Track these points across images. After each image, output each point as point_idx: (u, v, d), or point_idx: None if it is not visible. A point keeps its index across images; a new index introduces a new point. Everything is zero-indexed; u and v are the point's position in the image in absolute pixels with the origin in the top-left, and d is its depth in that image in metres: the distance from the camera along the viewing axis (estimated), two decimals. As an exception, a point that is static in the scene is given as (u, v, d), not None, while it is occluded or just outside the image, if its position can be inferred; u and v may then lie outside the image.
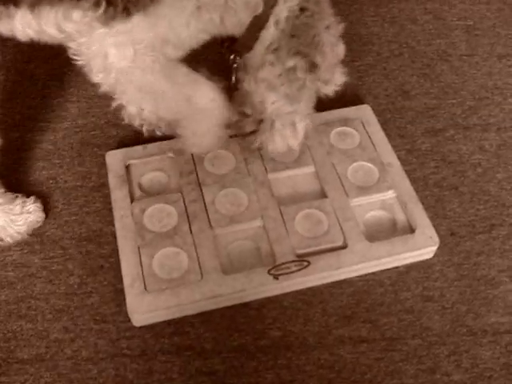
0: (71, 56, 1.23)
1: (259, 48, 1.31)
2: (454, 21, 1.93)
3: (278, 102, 1.36)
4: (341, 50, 1.33)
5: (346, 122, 1.56)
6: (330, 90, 1.37)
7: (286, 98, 1.35)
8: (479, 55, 1.84)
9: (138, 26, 1.14)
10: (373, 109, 1.62)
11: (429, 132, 1.63)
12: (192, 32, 1.20)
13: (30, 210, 1.41)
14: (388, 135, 1.57)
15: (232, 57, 1.36)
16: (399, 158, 1.51)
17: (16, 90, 1.69)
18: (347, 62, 1.75)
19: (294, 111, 1.38)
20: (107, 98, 1.60)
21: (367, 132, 1.55)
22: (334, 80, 1.36)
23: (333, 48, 1.30)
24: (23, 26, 1.13)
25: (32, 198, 1.43)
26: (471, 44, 1.87)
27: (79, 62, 1.22)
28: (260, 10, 1.24)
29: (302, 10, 1.25)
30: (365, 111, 1.60)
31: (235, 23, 1.26)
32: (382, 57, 1.81)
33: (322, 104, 1.48)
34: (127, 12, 1.10)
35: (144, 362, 1.24)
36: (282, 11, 1.25)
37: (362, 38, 1.85)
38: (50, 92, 1.69)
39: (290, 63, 1.28)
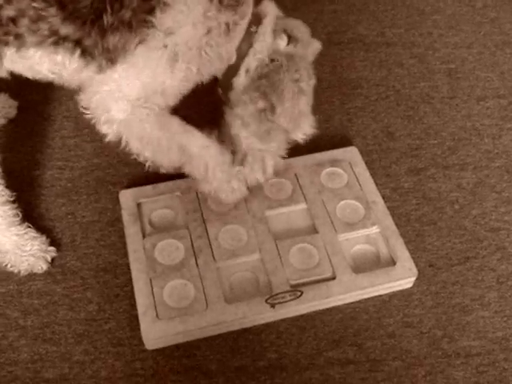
0: (82, 110, 1.39)
1: (236, 90, 1.46)
2: (437, 64, 2.08)
3: (248, 138, 1.50)
4: (302, 102, 1.44)
5: (335, 162, 1.71)
6: (298, 137, 1.50)
7: (255, 136, 1.49)
8: (459, 97, 1.98)
9: (124, 75, 1.31)
10: (361, 149, 1.76)
11: (412, 171, 1.77)
12: (174, 80, 1.34)
13: (37, 254, 1.51)
14: (374, 174, 1.72)
15: (220, 92, 1.51)
16: (384, 196, 1.67)
17: (35, 130, 1.83)
18: (338, 104, 1.92)
19: (265, 149, 1.52)
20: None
21: (354, 172, 1.69)
22: (301, 129, 1.48)
23: (294, 97, 1.42)
24: (12, 63, 1.30)
25: (44, 245, 1.53)
26: (452, 86, 2.01)
27: (88, 116, 1.39)
28: (233, 60, 1.42)
29: (272, 60, 1.41)
30: (352, 153, 1.74)
31: (211, 72, 1.42)
32: (370, 100, 1.95)
33: (314, 145, 1.64)
34: (111, 61, 1.27)
35: (156, 381, 1.38)
36: (251, 62, 1.42)
37: (351, 82, 1.99)
38: (66, 132, 1.83)
39: (261, 104, 1.42)
